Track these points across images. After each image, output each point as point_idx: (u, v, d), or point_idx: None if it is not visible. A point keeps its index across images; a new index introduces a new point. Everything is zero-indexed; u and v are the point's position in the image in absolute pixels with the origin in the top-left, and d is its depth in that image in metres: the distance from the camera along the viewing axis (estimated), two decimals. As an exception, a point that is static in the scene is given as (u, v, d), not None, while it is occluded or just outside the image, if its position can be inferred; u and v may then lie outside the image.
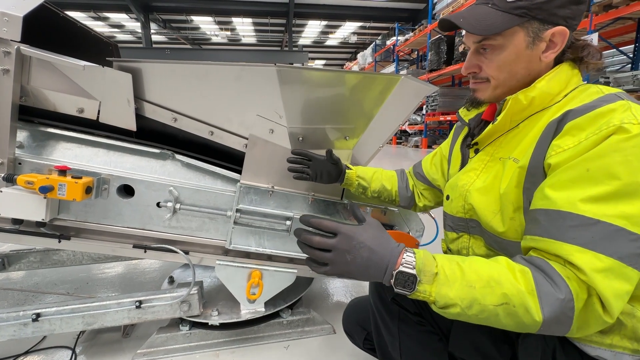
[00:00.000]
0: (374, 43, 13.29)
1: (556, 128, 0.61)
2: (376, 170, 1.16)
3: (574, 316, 0.51)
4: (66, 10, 1.28)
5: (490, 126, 0.72)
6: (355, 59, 17.15)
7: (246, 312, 1.34)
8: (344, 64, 21.64)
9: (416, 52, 11.89)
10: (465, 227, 0.79)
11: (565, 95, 0.66)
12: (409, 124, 10.08)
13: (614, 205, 0.52)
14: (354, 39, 18.23)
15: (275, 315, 1.39)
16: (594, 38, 5.02)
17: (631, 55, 5.65)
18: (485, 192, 0.72)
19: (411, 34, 10.44)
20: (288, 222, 1.25)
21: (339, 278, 0.71)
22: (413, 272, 0.56)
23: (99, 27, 15.51)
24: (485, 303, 0.53)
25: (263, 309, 1.35)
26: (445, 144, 1.01)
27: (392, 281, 0.57)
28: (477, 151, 0.79)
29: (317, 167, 1.11)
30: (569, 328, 0.52)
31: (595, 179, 0.53)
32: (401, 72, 9.48)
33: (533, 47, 0.66)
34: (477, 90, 0.75)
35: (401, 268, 0.57)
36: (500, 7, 0.65)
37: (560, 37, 0.64)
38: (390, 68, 12.04)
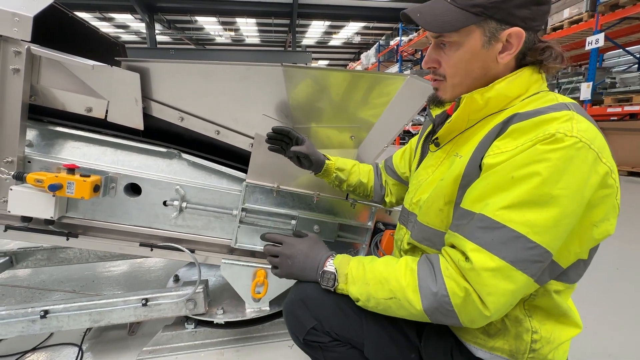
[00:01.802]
0: (377, 43, 13.27)
1: (501, 129, 0.62)
2: (355, 163, 1.12)
3: (455, 309, 0.58)
4: (72, 10, 1.30)
5: (446, 124, 0.73)
6: (358, 59, 17.12)
7: (251, 310, 1.34)
8: (347, 64, 21.63)
9: (420, 53, 11.86)
10: (407, 219, 0.83)
11: (523, 100, 0.65)
12: (412, 125, 10.05)
13: (523, 212, 0.55)
14: (357, 39, 18.21)
15: (280, 314, 1.40)
16: (600, 38, 4.99)
17: (638, 56, 5.59)
18: (430, 185, 0.75)
19: (415, 34, 10.40)
20: (293, 222, 1.25)
21: (288, 279, 0.81)
22: (333, 271, 0.72)
23: (104, 27, 15.62)
24: (377, 297, 0.65)
25: (268, 308, 1.35)
26: (415, 139, 1.01)
27: (320, 280, 0.73)
28: (437, 145, 0.79)
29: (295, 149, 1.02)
30: (457, 320, 0.59)
31: (515, 186, 0.55)
32: (405, 72, 9.45)
33: (489, 47, 0.64)
34: (438, 89, 0.74)
35: (325, 268, 0.73)
36: (458, 3, 0.63)
37: (516, 38, 0.63)
38: (394, 68, 12.02)
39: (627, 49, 6.06)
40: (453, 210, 0.68)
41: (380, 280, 0.65)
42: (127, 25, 16.03)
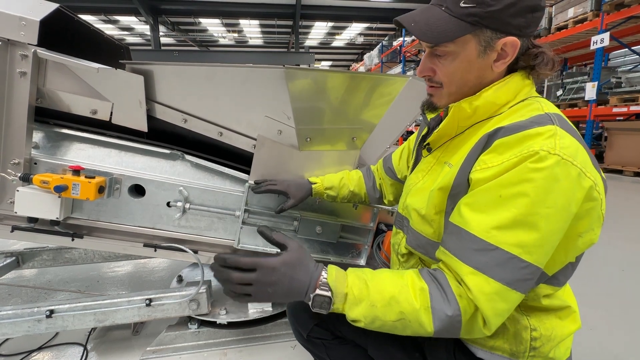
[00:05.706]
0: (380, 44, 13.27)
1: (486, 142, 0.62)
2: (343, 176, 1.15)
3: (462, 326, 0.59)
4: (77, 13, 1.32)
5: (435, 132, 0.73)
6: (361, 60, 17.13)
7: (254, 311, 1.35)
8: (351, 65, 21.64)
9: (422, 53, 11.82)
10: (401, 224, 0.83)
11: (511, 107, 0.65)
12: (415, 125, 10.03)
13: (515, 233, 0.55)
14: (360, 40, 18.21)
15: (283, 315, 1.40)
16: (605, 38, 4.95)
17: (643, 55, 5.53)
18: (420, 192, 0.75)
19: (418, 34, 10.36)
20: (295, 223, 1.26)
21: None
22: (328, 294, 0.60)
23: (109, 29, 15.76)
24: (385, 319, 0.60)
25: (270, 309, 1.36)
26: (414, 137, 1.01)
27: (310, 303, 0.61)
28: (429, 150, 0.80)
29: (285, 188, 1.13)
30: (459, 334, 0.60)
31: (504, 206, 0.56)
32: (408, 73, 9.43)
33: (484, 56, 0.64)
34: (433, 96, 0.74)
35: (317, 291, 0.60)
36: (453, 12, 0.62)
37: (512, 47, 0.63)
38: (397, 69, 12.01)
39: (632, 48, 6.01)
40: (444, 220, 0.68)
41: (389, 301, 0.60)
42: (131, 28, 16.15)
